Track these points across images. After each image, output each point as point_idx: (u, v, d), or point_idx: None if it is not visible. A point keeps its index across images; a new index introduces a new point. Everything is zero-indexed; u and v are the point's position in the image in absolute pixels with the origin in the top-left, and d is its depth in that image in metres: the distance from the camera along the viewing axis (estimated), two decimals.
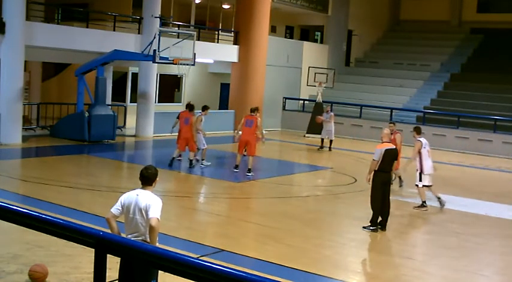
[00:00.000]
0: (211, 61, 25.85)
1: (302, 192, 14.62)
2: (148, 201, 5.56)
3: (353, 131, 25.62)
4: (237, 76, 25.32)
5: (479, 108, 25.46)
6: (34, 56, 20.00)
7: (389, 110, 25.55)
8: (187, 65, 19.02)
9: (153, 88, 21.77)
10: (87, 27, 20.30)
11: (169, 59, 18.61)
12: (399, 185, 14.69)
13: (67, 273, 7.29)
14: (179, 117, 16.13)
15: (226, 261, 7.67)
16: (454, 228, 11.48)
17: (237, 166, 15.55)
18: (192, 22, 26.35)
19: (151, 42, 18.43)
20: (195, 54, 19.20)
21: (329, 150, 20.86)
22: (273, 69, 26.47)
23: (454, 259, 9.50)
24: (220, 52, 24.99)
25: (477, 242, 10.66)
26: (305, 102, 28.02)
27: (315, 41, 34.60)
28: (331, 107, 26.05)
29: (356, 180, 15.38)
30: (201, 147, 15.92)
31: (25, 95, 19.78)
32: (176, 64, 18.85)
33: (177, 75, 26.40)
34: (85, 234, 4.39)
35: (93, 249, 4.28)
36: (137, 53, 19.71)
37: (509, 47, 30.14)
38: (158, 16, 20.14)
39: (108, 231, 5.46)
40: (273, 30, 29.43)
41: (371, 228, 10.50)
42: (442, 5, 34.36)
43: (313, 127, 24.43)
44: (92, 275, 4.32)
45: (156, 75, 22.27)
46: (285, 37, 32.57)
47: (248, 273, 3.66)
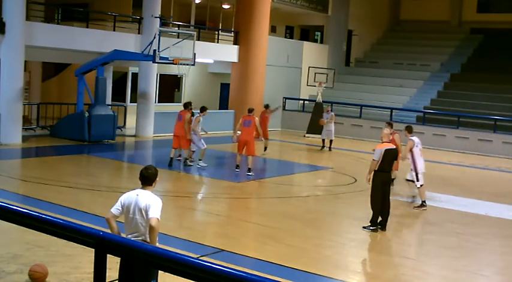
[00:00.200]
0: (211, 61, 25.86)
1: (302, 192, 14.62)
2: (148, 201, 5.56)
3: (353, 131, 25.62)
4: (237, 76, 25.32)
5: (479, 108, 25.46)
6: (34, 56, 20.00)
7: (389, 110, 25.55)
8: (187, 65, 19.02)
9: (153, 88, 21.78)
10: (87, 27, 20.30)
11: (169, 59, 18.61)
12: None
13: (67, 273, 7.29)
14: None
15: (226, 261, 7.66)
16: (454, 228, 11.48)
17: (237, 166, 15.61)
18: (192, 22, 26.36)
19: (151, 42, 18.44)
20: (195, 54, 19.21)
21: (329, 150, 20.89)
22: (273, 69, 26.48)
23: (454, 259, 9.49)
24: (220, 52, 24.99)
25: (477, 242, 10.66)
26: (305, 102, 28.03)
27: (315, 41, 34.60)
28: (331, 107, 26.09)
29: (356, 180, 15.38)
30: (201, 147, 15.80)
31: (25, 95, 19.78)
32: (176, 64, 18.86)
33: (177, 75, 26.42)
34: (85, 234, 4.39)
35: (93, 249, 4.28)
36: (137, 53, 19.71)
37: (509, 47, 30.15)
38: (158, 16, 20.14)
39: (108, 231, 5.46)
40: (273, 30, 29.43)
41: (371, 228, 10.51)
42: (442, 5, 34.36)
43: (313, 127, 24.44)
44: (92, 275, 4.32)
45: (156, 75, 22.28)
46: (285, 37, 32.58)
47: (248, 273, 3.66)
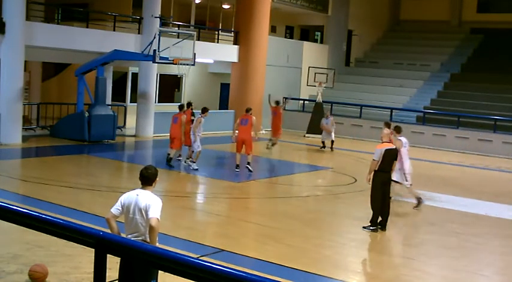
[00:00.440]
0: (211, 61, 25.85)
1: (302, 192, 14.62)
2: (148, 201, 5.56)
3: (353, 131, 25.61)
4: (237, 76, 25.32)
5: (479, 108, 25.45)
6: (34, 56, 20.00)
7: (389, 110, 25.54)
8: (187, 65, 19.02)
9: (153, 88, 21.78)
10: (87, 27, 20.30)
11: (169, 59, 18.61)
12: None
13: (67, 273, 7.29)
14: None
15: (226, 261, 7.66)
16: (454, 228, 11.48)
17: (237, 166, 15.59)
18: (192, 22, 26.36)
19: (151, 42, 18.43)
20: (195, 54, 19.21)
21: (331, 151, 20.84)
22: (273, 69, 26.47)
23: (454, 259, 9.50)
24: (220, 52, 24.99)
25: (477, 242, 10.66)
26: (305, 102, 28.02)
27: (315, 41, 34.60)
28: (331, 107, 26.11)
29: (356, 180, 15.37)
30: (196, 149, 15.48)
31: (25, 95, 19.78)
32: (176, 64, 18.86)
33: (177, 75, 26.41)
34: (85, 234, 4.39)
35: (93, 249, 4.28)
36: (137, 53, 19.71)
37: (509, 47, 30.14)
38: (158, 16, 20.14)
39: (108, 231, 5.46)
40: (273, 30, 29.43)
41: (371, 228, 10.51)
42: (442, 5, 34.36)
43: (313, 127, 24.44)
44: (92, 275, 4.32)
45: (156, 75, 22.28)
46: (285, 37, 32.57)
47: (248, 273, 3.66)
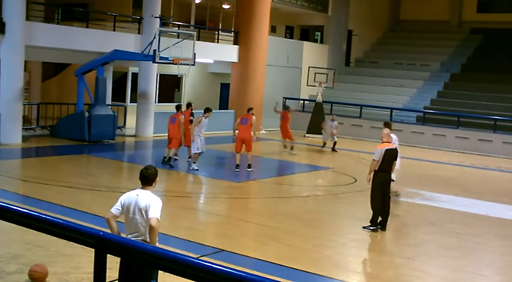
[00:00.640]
0: (211, 61, 25.85)
1: (302, 192, 14.61)
2: (148, 201, 5.56)
3: (353, 131, 25.60)
4: (237, 76, 25.33)
5: (479, 108, 25.46)
6: (34, 56, 20.00)
7: (389, 110, 25.54)
8: (187, 65, 19.02)
9: (153, 88, 21.78)
10: (87, 27, 20.30)
11: (169, 59, 18.61)
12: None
13: (67, 273, 7.29)
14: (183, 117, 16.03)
15: (226, 261, 7.67)
16: (454, 228, 11.48)
17: (237, 166, 15.62)
18: (192, 22, 26.36)
19: (151, 42, 18.43)
20: (195, 54, 19.21)
21: (335, 152, 20.70)
22: (273, 69, 26.48)
23: (454, 259, 9.50)
24: (220, 52, 24.99)
25: (477, 242, 10.66)
26: (305, 102, 28.02)
27: (315, 41, 34.60)
28: (331, 107, 26.13)
29: (356, 180, 15.37)
30: (194, 151, 15.36)
31: (25, 95, 19.78)
32: (176, 64, 18.86)
33: (177, 75, 26.41)
34: (85, 234, 4.39)
35: (93, 249, 4.28)
36: (137, 53, 19.71)
37: (509, 47, 30.14)
38: (158, 16, 20.14)
39: (108, 231, 5.46)
40: (273, 30, 29.43)
41: (371, 228, 10.51)
42: (442, 5, 34.36)
43: (313, 127, 24.44)
44: (92, 275, 4.31)
45: (156, 75, 22.28)
46: (285, 37, 32.57)
47: (248, 273, 3.66)
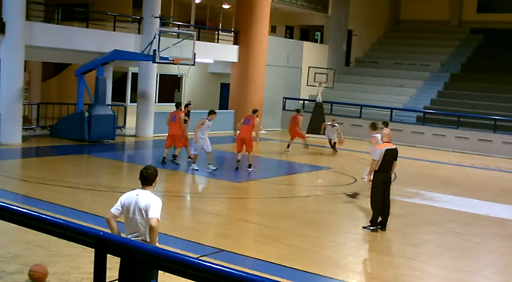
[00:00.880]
0: (211, 61, 25.85)
1: (302, 192, 14.62)
2: (148, 201, 5.57)
3: (353, 131, 25.57)
4: (237, 76, 25.33)
5: (479, 108, 25.46)
6: (34, 56, 19.99)
7: (389, 110, 25.54)
8: (187, 65, 19.02)
9: (153, 88, 21.79)
10: (87, 27, 20.30)
11: (169, 59, 18.62)
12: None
13: (67, 273, 7.29)
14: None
15: (226, 261, 7.67)
16: (454, 228, 11.48)
17: (238, 161, 15.86)
18: (192, 22, 26.36)
19: (151, 42, 18.44)
20: (195, 54, 19.22)
21: (335, 151, 20.67)
22: (273, 69, 26.47)
23: (454, 259, 9.50)
24: (220, 52, 24.99)
25: (477, 242, 10.65)
26: (305, 102, 28.02)
27: (315, 41, 34.59)
28: (331, 107, 26.13)
29: (356, 180, 15.38)
30: (192, 152, 15.36)
31: (25, 95, 19.78)
32: (176, 64, 18.87)
33: (177, 75, 26.38)
34: (85, 234, 4.39)
35: (93, 249, 4.28)
36: (137, 53, 19.72)
37: (509, 47, 30.14)
38: (158, 16, 20.15)
39: (108, 231, 5.46)
40: (273, 30, 29.43)
41: (371, 228, 10.50)
42: (442, 5, 34.35)
43: (313, 127, 24.43)
44: (92, 275, 4.31)
45: (156, 75, 22.29)
46: (285, 37, 32.57)
47: (248, 273, 3.65)
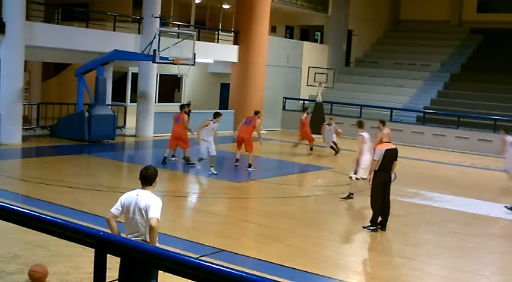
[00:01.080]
0: (211, 61, 25.85)
1: (302, 192, 14.62)
2: (148, 201, 5.56)
3: (353, 131, 25.35)
4: (237, 76, 25.33)
5: (479, 108, 25.46)
6: (34, 56, 19.99)
7: (389, 110, 25.54)
8: (187, 65, 19.03)
9: (153, 88, 21.79)
10: (87, 27, 20.30)
11: (169, 59, 18.62)
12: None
13: (67, 273, 7.29)
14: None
15: (226, 261, 7.66)
16: (454, 228, 11.48)
17: (237, 160, 15.99)
18: (192, 22, 26.36)
19: (151, 42, 18.44)
20: (195, 54, 19.22)
21: (336, 152, 20.62)
22: (273, 69, 26.47)
23: (454, 259, 9.50)
24: (220, 52, 24.99)
25: (477, 242, 10.65)
26: (305, 102, 28.01)
27: (315, 41, 34.59)
28: (331, 107, 26.11)
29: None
30: (200, 155, 15.08)
31: (25, 95, 19.78)
32: (176, 64, 18.87)
33: (177, 75, 26.39)
34: (85, 234, 4.39)
35: (93, 249, 4.28)
36: (137, 53, 19.72)
37: (509, 47, 30.14)
38: (158, 16, 20.15)
39: (108, 231, 5.46)
40: (273, 30, 29.43)
41: (371, 228, 10.51)
42: (442, 5, 34.36)
43: (313, 127, 24.38)
44: (92, 275, 4.31)
45: (156, 75, 22.29)
46: (285, 37, 32.57)
47: (248, 273, 3.65)
